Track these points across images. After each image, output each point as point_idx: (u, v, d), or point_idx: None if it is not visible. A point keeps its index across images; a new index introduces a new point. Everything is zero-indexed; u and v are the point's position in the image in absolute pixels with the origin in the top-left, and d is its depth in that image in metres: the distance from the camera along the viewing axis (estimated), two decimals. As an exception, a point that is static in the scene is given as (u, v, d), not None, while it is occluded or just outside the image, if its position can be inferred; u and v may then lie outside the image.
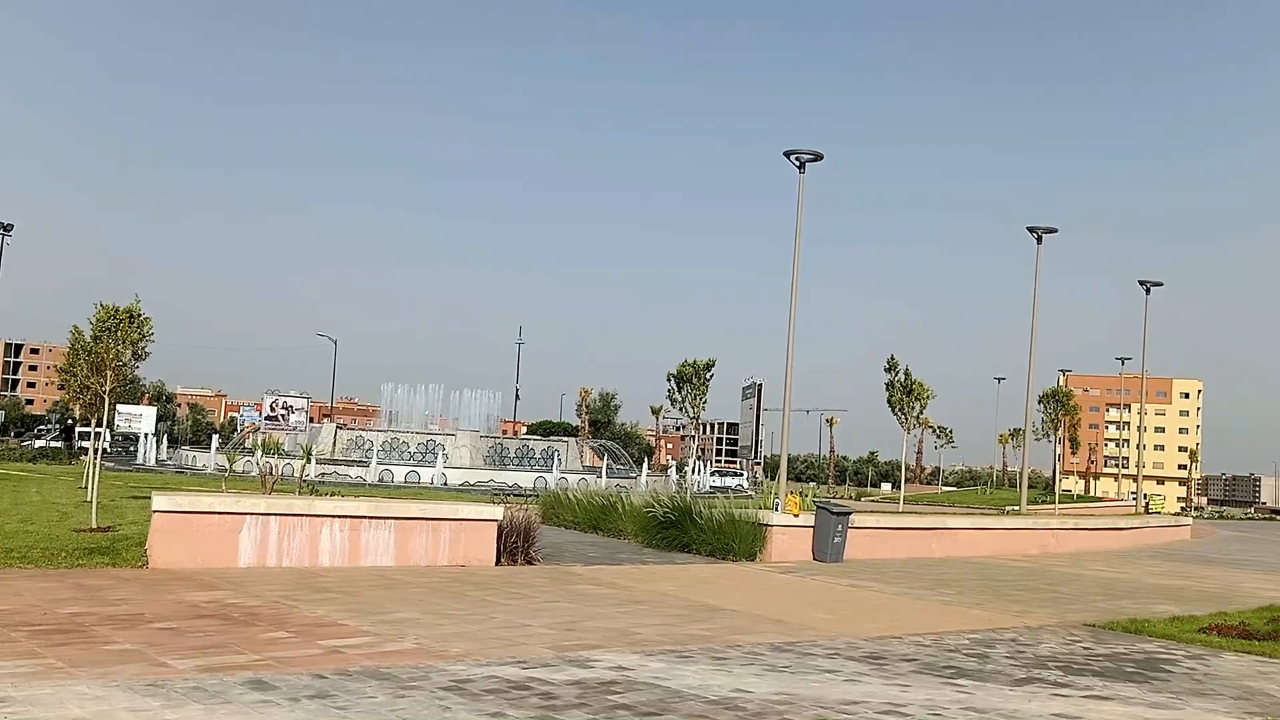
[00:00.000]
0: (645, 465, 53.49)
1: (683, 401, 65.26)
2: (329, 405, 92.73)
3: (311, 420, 63.48)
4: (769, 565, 17.79)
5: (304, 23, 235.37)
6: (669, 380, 65.65)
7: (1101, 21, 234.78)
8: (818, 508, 19.13)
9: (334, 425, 53.54)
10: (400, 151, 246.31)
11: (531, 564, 15.25)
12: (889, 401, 33.40)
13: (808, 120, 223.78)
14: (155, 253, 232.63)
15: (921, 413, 34.85)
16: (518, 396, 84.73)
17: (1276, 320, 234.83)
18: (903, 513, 28.06)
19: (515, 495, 28.16)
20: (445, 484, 38.57)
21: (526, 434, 76.31)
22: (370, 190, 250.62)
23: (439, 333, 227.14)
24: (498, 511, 15.29)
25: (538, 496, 25.56)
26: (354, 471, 40.06)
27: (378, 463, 41.22)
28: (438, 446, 46.24)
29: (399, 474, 40.70)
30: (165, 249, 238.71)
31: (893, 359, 34.07)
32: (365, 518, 14.11)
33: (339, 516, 13.90)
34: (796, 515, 18.87)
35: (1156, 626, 12.31)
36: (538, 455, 50.09)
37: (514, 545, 15.23)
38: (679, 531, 18.81)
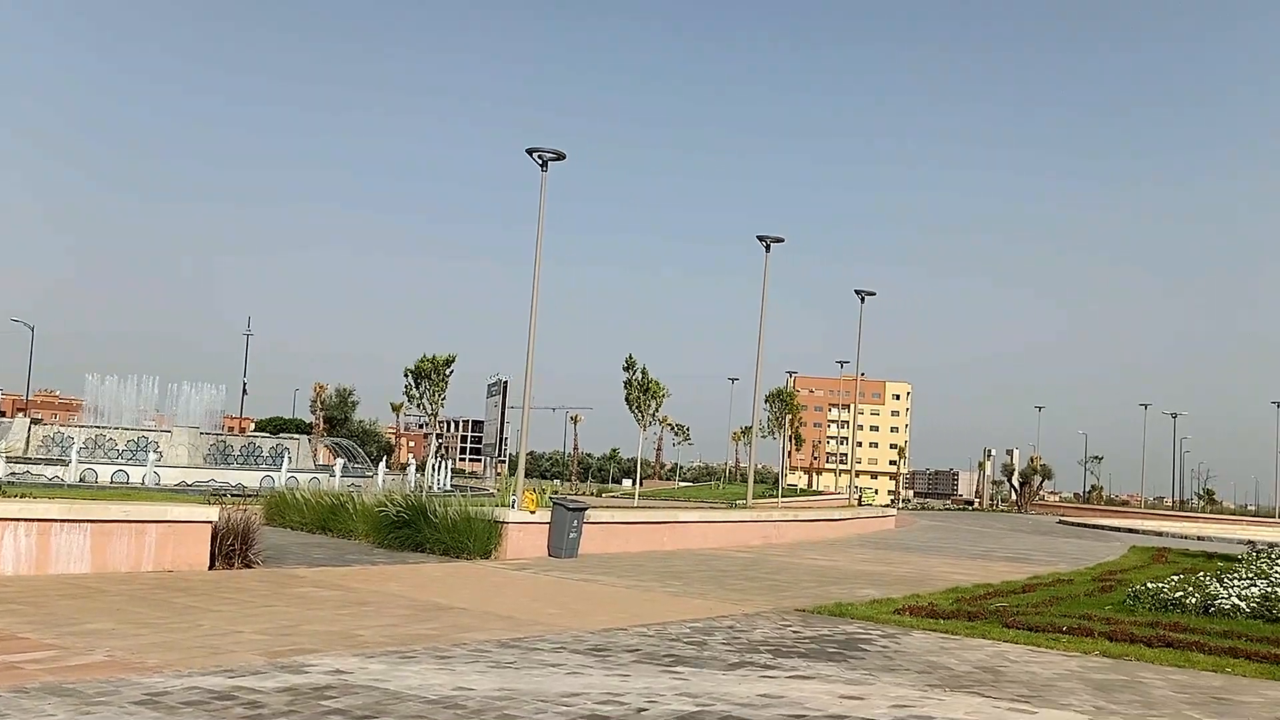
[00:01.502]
0: (384, 464, 51.94)
1: (420, 398, 63.83)
2: (24, 398, 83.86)
3: (3, 414, 57.07)
4: (504, 562, 17.75)
5: None
6: (406, 375, 64.06)
7: (859, 29, 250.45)
8: (554, 504, 19.30)
9: (27, 420, 48.39)
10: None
11: (250, 567, 14.42)
12: (627, 399, 34.11)
13: (580, 115, 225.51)
14: None
15: (658, 410, 35.92)
16: (245, 391, 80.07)
17: (974, 331, 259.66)
18: (637, 508, 28.84)
19: (237, 495, 26.54)
20: (159, 484, 35.78)
21: (254, 431, 72.17)
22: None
23: (158, 325, 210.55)
24: (212, 512, 14.34)
25: (262, 497, 24.22)
26: (51, 471, 36.37)
27: (79, 461, 37.62)
28: (150, 444, 42.81)
29: (104, 473, 37.36)
30: None
31: (631, 358, 34.89)
32: (57, 520, 12.82)
33: (25, 520, 12.55)
34: (533, 512, 18.94)
35: (858, 609, 13.29)
36: (265, 453, 47.41)
37: (231, 548, 14.34)
38: (413, 531, 18.41)
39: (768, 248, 32.74)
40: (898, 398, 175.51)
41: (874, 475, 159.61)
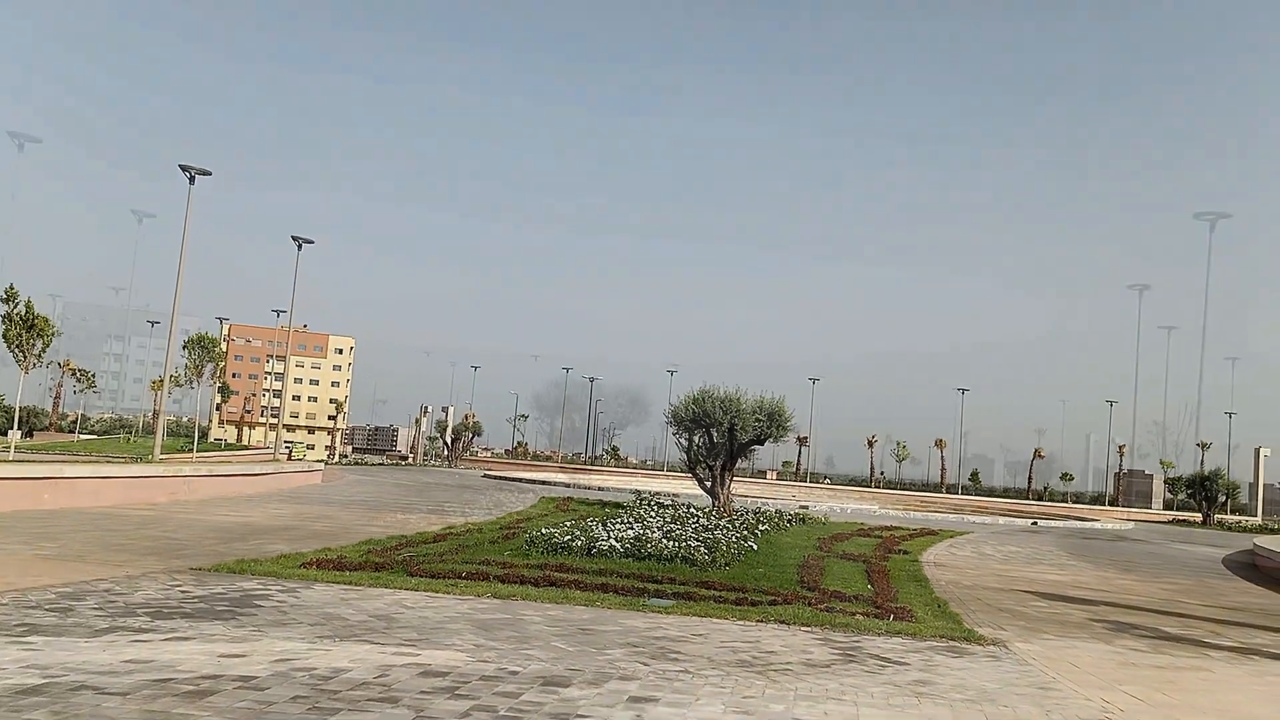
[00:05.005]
0: None
1: None
2: None
3: None
4: None
5: None
6: None
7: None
8: (-109, 456, 15.91)
9: None
10: None
11: None
12: (4, 337, 29.17)
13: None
14: None
15: (44, 351, 31.17)
16: None
17: (417, 292, 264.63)
18: (11, 462, 25.01)
19: None
20: None
21: None
22: None
23: None
24: None
25: None
26: None
27: None
28: None
29: None
30: None
31: (12, 288, 29.80)
32: None
33: None
34: None
35: (262, 565, 12.70)
36: None
37: None
38: None
39: (191, 179, 30.06)
40: (340, 352, 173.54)
41: (312, 430, 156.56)
